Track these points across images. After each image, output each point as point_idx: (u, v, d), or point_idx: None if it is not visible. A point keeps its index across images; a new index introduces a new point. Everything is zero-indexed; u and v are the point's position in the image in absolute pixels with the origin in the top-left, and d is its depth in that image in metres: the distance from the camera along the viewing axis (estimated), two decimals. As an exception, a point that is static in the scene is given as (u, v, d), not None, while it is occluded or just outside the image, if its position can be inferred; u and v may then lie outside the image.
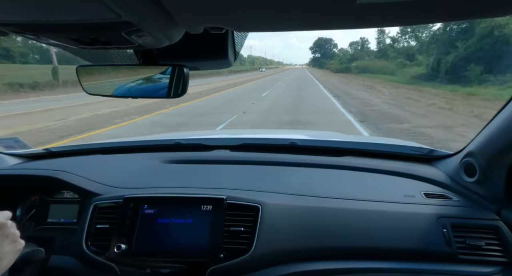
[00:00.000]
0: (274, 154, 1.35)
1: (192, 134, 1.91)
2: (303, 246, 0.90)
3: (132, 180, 1.14)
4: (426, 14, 0.43)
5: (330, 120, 7.51)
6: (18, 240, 0.68)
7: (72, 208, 1.12)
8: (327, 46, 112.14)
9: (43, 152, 1.41)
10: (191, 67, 0.72)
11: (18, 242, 0.68)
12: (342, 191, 1.04)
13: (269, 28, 0.49)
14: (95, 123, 7.72)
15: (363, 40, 77.51)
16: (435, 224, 0.91)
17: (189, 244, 0.89)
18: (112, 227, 0.95)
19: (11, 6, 0.36)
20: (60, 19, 0.40)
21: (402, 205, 0.98)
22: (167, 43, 0.52)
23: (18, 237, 0.69)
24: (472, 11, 0.43)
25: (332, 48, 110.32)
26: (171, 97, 0.69)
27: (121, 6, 0.36)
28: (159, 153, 1.40)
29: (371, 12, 0.41)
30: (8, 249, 0.65)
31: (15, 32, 0.45)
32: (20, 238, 0.69)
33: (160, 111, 9.42)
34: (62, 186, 1.13)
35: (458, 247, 0.87)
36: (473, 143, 1.01)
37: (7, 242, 0.65)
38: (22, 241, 0.69)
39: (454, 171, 1.10)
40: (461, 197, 1.02)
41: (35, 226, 1.12)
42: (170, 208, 0.95)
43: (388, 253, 0.88)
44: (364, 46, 75.21)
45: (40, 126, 7.44)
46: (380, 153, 1.33)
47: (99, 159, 1.39)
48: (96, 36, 0.47)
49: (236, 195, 0.97)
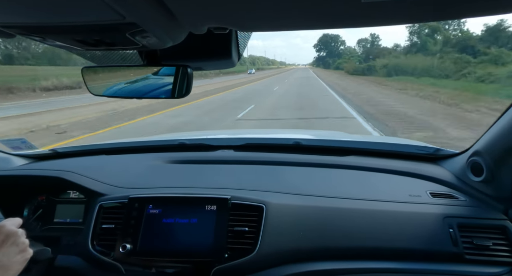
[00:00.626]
0: (278, 154, 1.34)
1: (196, 134, 1.92)
2: (307, 246, 0.89)
3: (137, 180, 1.15)
4: (434, 12, 0.43)
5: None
6: (27, 249, 0.68)
7: (78, 208, 1.13)
8: (333, 44, 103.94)
9: (49, 152, 1.42)
10: (195, 67, 0.72)
11: (27, 251, 0.68)
12: (347, 191, 1.04)
13: (273, 27, 0.49)
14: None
15: (374, 37, 71.80)
16: (441, 224, 0.90)
17: (194, 244, 0.89)
18: (118, 227, 0.96)
19: (18, 8, 0.37)
20: (66, 21, 0.40)
21: (408, 204, 0.97)
22: (171, 43, 0.52)
23: (27, 246, 0.68)
24: (487, 7, 0.41)
25: (339, 46, 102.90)
26: (175, 97, 0.69)
27: (125, 8, 0.36)
28: (163, 153, 1.41)
29: (376, 10, 0.41)
30: (17, 258, 0.64)
31: (22, 34, 0.45)
32: (28, 245, 0.68)
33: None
34: (68, 186, 1.14)
35: (465, 247, 0.86)
36: (479, 142, 0.99)
37: (16, 251, 0.64)
38: (31, 250, 0.69)
39: (460, 171, 1.08)
40: (468, 197, 1.01)
41: (41, 226, 1.13)
42: (175, 208, 0.95)
43: (393, 253, 0.88)
44: (374, 43, 69.11)
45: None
46: (385, 153, 1.32)
47: (104, 160, 1.40)
48: (101, 37, 0.47)
49: (240, 195, 0.97)
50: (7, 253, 0.63)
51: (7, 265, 0.62)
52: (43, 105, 12.68)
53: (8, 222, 0.68)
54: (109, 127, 7.44)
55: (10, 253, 0.63)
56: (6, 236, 0.64)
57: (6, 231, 0.65)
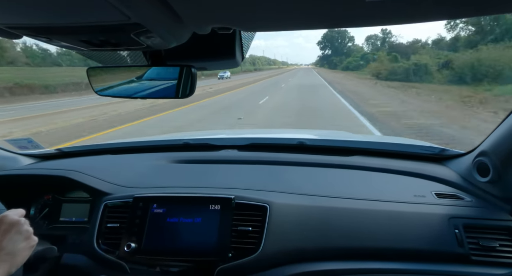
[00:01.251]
0: (282, 153, 1.34)
1: (200, 134, 1.92)
2: (311, 246, 0.89)
3: (141, 180, 1.16)
4: (440, 10, 0.42)
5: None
6: (31, 236, 0.70)
7: (83, 207, 1.14)
8: (340, 41, 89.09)
9: (55, 152, 1.44)
10: (199, 67, 0.72)
11: (32, 239, 0.70)
12: (351, 191, 1.03)
13: (277, 27, 0.49)
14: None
15: (385, 33, 60.02)
16: (447, 224, 0.89)
17: (198, 243, 0.89)
18: (122, 226, 0.96)
19: (25, 10, 0.37)
20: (71, 21, 0.41)
21: (413, 205, 0.96)
22: (175, 43, 0.52)
23: (31, 233, 0.71)
24: (496, 4, 0.40)
25: (346, 43, 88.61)
26: (179, 97, 0.69)
27: (130, 8, 0.36)
28: (167, 153, 1.42)
29: (380, 10, 0.41)
30: (23, 245, 0.67)
31: (28, 35, 0.46)
32: (32, 233, 0.71)
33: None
34: (74, 185, 1.15)
35: (471, 248, 0.85)
36: (486, 142, 0.98)
37: (21, 238, 0.67)
38: (35, 237, 0.71)
39: (466, 171, 1.07)
40: (474, 197, 1.00)
41: (48, 224, 1.15)
42: (179, 207, 0.96)
43: (398, 253, 0.87)
44: (386, 40, 58.61)
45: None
46: (390, 153, 1.31)
47: (109, 159, 1.41)
48: (106, 38, 0.48)
49: (244, 195, 0.97)
50: (13, 241, 0.66)
51: (14, 252, 0.65)
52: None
53: (11, 212, 0.70)
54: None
55: (16, 241, 0.66)
56: (10, 225, 0.67)
57: (9, 220, 0.67)
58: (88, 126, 7.64)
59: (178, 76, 0.67)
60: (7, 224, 0.67)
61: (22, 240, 0.67)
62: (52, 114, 10.41)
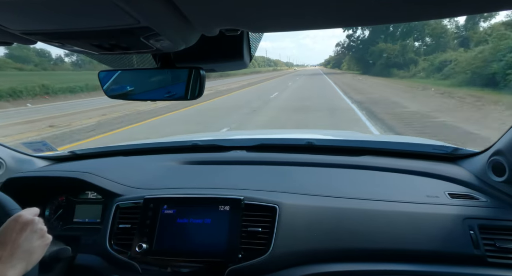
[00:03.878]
0: (291, 154, 1.34)
1: (209, 135, 1.93)
2: (321, 247, 0.88)
3: (152, 181, 1.17)
4: (449, 8, 0.41)
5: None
6: (45, 235, 0.72)
7: (96, 209, 1.17)
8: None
9: (68, 154, 1.47)
10: (208, 69, 0.73)
11: (46, 237, 0.72)
12: (361, 192, 1.02)
13: (284, 27, 0.48)
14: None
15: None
16: (461, 225, 0.87)
17: (208, 244, 0.90)
18: (134, 227, 0.98)
19: (40, 16, 0.38)
20: (83, 26, 0.42)
21: (425, 205, 0.94)
22: (183, 46, 0.53)
23: (45, 232, 0.72)
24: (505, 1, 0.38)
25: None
26: (188, 99, 0.70)
27: (140, 12, 0.37)
28: (177, 155, 1.43)
29: (389, 8, 0.40)
30: (37, 243, 0.69)
31: (42, 40, 0.47)
32: (46, 231, 0.73)
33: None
34: (87, 187, 1.18)
35: (487, 250, 0.83)
36: (501, 140, 0.95)
37: (36, 237, 0.69)
38: (50, 235, 0.73)
39: (481, 170, 1.04)
40: (489, 197, 0.97)
41: (62, 225, 1.17)
42: (189, 208, 0.96)
43: (410, 255, 0.85)
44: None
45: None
46: (401, 152, 1.28)
47: (121, 161, 1.44)
48: (116, 41, 0.49)
49: (254, 196, 0.97)
50: (28, 239, 0.67)
51: (30, 250, 0.67)
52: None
53: (25, 212, 0.72)
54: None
55: (31, 239, 0.68)
56: (25, 224, 0.68)
57: (24, 219, 0.69)
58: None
59: (187, 78, 0.68)
60: (22, 223, 0.68)
61: (37, 238, 0.69)
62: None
